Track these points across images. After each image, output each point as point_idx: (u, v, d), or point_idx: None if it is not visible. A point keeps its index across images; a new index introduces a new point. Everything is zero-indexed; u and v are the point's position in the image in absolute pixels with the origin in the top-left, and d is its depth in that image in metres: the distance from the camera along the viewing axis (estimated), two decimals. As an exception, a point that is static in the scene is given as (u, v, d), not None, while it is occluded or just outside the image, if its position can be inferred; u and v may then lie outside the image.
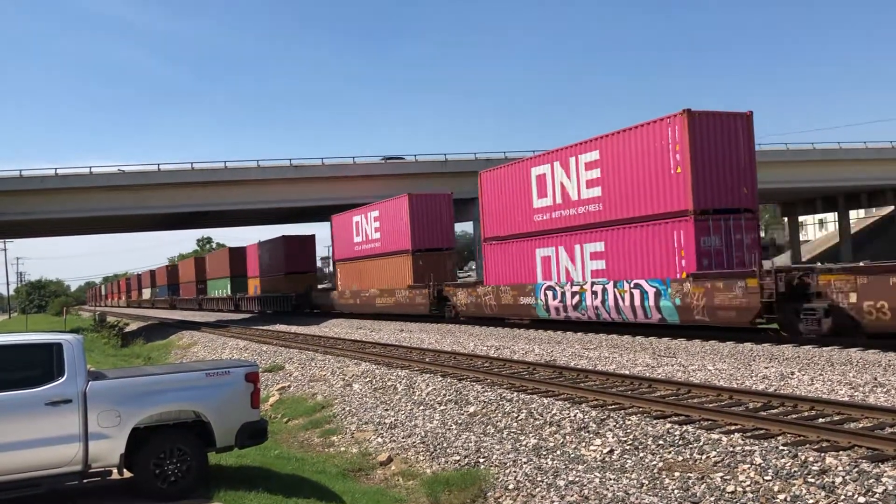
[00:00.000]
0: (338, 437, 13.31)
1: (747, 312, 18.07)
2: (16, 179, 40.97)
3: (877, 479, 7.48)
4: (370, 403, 14.96)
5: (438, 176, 46.21)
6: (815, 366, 14.52)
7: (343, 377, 18.22)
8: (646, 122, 21.28)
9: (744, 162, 20.59)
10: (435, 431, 12.12)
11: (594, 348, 19.49)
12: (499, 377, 15.21)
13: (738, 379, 13.56)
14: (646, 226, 21.28)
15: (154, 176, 43.46)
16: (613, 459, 9.59)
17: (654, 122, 20.97)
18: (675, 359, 16.55)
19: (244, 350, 27.59)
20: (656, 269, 20.89)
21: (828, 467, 7.95)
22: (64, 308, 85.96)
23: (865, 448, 8.46)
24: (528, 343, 21.71)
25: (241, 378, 8.45)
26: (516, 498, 9.05)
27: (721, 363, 15.45)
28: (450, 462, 10.65)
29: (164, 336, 42.16)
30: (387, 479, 10.82)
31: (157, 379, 8.22)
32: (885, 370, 13.48)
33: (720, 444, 9.20)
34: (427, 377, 16.24)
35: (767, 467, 8.26)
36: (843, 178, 51.30)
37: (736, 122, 20.59)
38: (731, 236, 20.35)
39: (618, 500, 8.26)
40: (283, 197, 46.00)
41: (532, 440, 10.86)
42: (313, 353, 23.41)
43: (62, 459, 7.53)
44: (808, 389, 12.27)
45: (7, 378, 7.52)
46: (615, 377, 14.23)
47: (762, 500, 7.65)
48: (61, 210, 42.81)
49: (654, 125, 20.98)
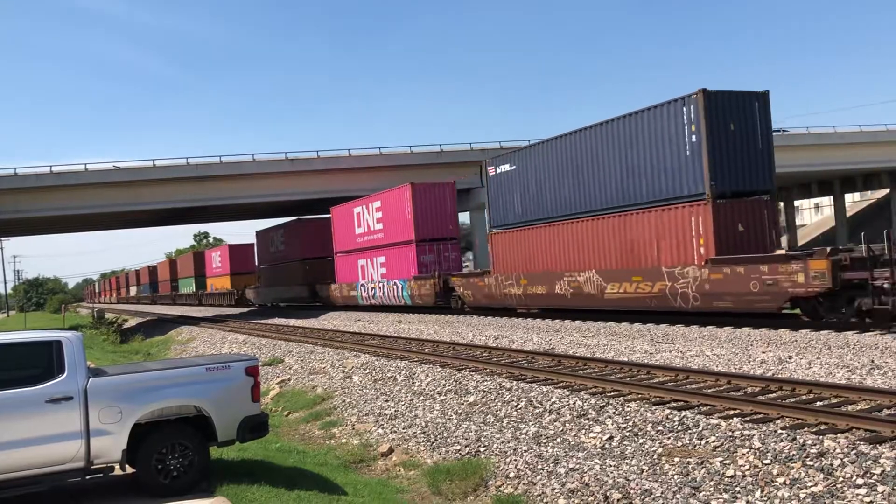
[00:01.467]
0: (338, 429, 13.35)
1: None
2: (11, 178, 40.83)
3: (875, 461, 7.53)
4: (370, 395, 15.00)
5: (434, 167, 46.11)
6: (812, 350, 14.58)
7: (343, 369, 18.26)
8: (394, 189, 36.09)
9: (450, 210, 34.85)
10: (435, 421, 12.17)
11: (592, 336, 19.54)
12: (498, 366, 15.25)
13: (736, 364, 13.61)
14: (402, 247, 34.79)
15: (149, 171, 43.33)
16: (613, 446, 9.64)
17: (397, 189, 35.55)
18: (673, 345, 16.61)
19: (243, 344, 27.61)
20: (402, 273, 34.87)
21: (826, 450, 8.00)
22: (62, 305, 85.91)
23: (863, 430, 8.51)
24: (526, 332, 21.76)
25: (242, 372, 8.47)
26: (517, 486, 9.10)
27: (719, 348, 15.50)
28: (450, 452, 10.69)
29: (162, 332, 42.17)
30: (388, 469, 10.87)
31: (158, 375, 8.23)
32: (882, 353, 13.54)
33: (719, 428, 9.25)
34: (426, 368, 16.28)
35: (766, 451, 8.31)
36: (839, 161, 51.31)
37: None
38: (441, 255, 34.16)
39: (618, 486, 8.31)
40: (279, 190, 45.91)
41: (532, 428, 10.91)
42: (312, 346, 23.45)
43: (64, 456, 7.55)
44: (806, 373, 12.32)
45: (7, 376, 7.53)
46: (614, 364, 14.28)
47: (761, 484, 7.70)
48: (57, 207, 42.70)
49: (396, 191, 35.44)
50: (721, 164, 19.41)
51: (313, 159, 45.65)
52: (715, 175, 19.27)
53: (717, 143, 19.40)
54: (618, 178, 22.37)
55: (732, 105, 19.76)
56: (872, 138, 51.23)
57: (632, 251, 21.74)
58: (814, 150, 50.69)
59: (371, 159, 46.37)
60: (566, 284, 24.28)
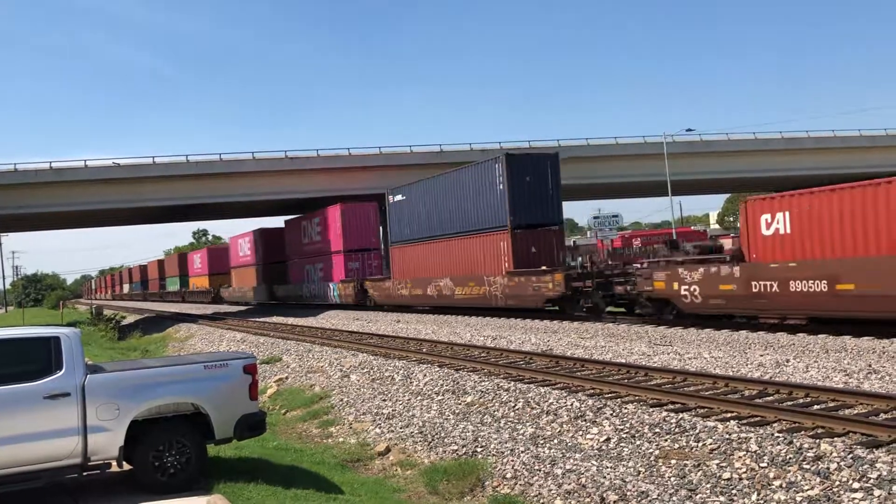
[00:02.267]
0: (336, 427, 13.36)
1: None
2: (10, 173, 40.81)
3: (871, 465, 7.54)
4: (368, 394, 15.01)
5: (433, 167, 46.08)
6: (810, 353, 14.59)
7: (340, 368, 18.26)
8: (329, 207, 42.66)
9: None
10: (433, 421, 12.17)
11: (590, 337, 19.55)
12: (495, 367, 15.26)
13: (734, 367, 13.62)
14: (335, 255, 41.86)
15: (149, 169, 43.32)
16: (610, 448, 9.65)
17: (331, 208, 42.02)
18: (671, 347, 16.62)
19: (241, 342, 27.60)
20: (334, 277, 41.92)
21: (823, 453, 8.01)
22: (61, 302, 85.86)
23: (860, 434, 8.53)
24: (524, 333, 21.76)
25: (240, 370, 8.46)
26: (514, 486, 9.11)
27: (717, 351, 15.51)
28: (448, 452, 10.70)
29: (160, 329, 42.14)
30: (385, 469, 10.87)
31: (156, 372, 8.23)
32: (879, 357, 13.55)
33: (716, 431, 9.26)
34: (424, 367, 16.28)
35: (763, 454, 8.32)
36: (838, 165, 51.37)
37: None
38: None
39: (615, 487, 8.32)
40: (279, 189, 45.92)
41: (529, 429, 10.91)
42: (310, 345, 23.45)
43: (61, 452, 7.54)
44: (804, 377, 12.34)
45: (5, 372, 7.52)
46: (611, 366, 14.28)
47: (758, 487, 7.71)
48: (56, 204, 42.66)
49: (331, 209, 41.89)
50: (519, 205, 27.19)
51: (313, 158, 45.63)
52: (514, 212, 27.16)
53: (515, 190, 27.18)
54: (461, 211, 30.59)
55: (529, 163, 27.61)
56: (871, 142, 51.36)
57: (469, 264, 29.92)
58: (813, 153, 50.80)
59: (371, 158, 46.36)
60: (433, 288, 32.23)
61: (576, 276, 23.96)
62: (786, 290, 17.12)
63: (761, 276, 17.73)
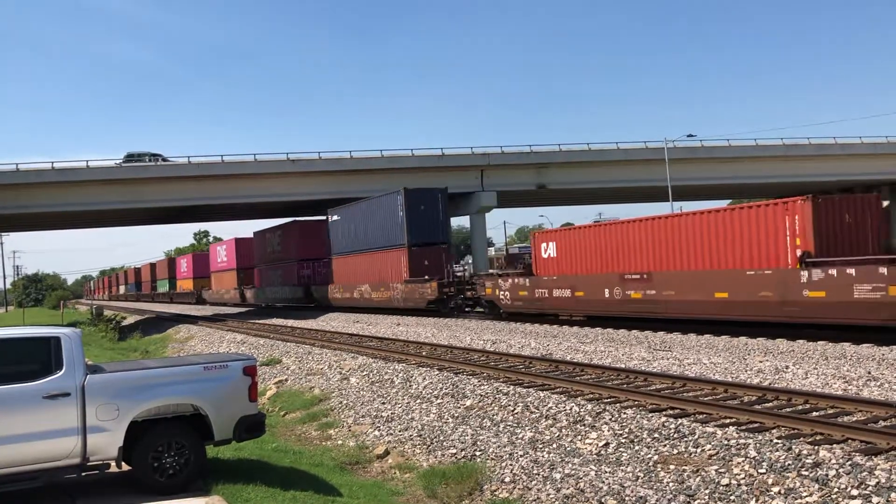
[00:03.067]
0: (335, 430, 13.36)
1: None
2: (12, 173, 40.87)
3: (870, 472, 7.54)
4: (367, 397, 15.01)
5: (435, 170, 46.17)
6: (809, 360, 14.59)
7: (340, 371, 18.26)
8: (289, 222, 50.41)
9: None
10: (432, 425, 12.18)
11: (590, 342, 19.56)
12: (495, 371, 15.26)
13: (733, 373, 13.63)
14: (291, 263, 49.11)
15: (151, 170, 43.39)
16: (609, 452, 9.65)
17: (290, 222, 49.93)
18: (670, 353, 16.62)
19: (241, 344, 27.61)
20: (290, 282, 49.12)
21: (821, 460, 8.02)
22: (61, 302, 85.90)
23: (859, 441, 8.53)
24: (524, 337, 21.77)
25: (239, 371, 8.47)
26: (512, 490, 9.11)
27: (716, 357, 15.52)
28: (446, 455, 10.70)
29: (160, 330, 42.16)
30: (384, 472, 10.87)
31: (156, 372, 8.24)
32: (878, 364, 13.56)
33: (715, 437, 9.27)
34: (424, 371, 16.29)
35: (762, 460, 8.32)
36: (839, 172, 51.40)
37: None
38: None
39: (613, 492, 8.32)
40: (280, 191, 45.98)
41: (528, 433, 10.91)
42: (310, 347, 23.46)
43: (60, 452, 7.55)
44: (803, 383, 12.34)
45: (5, 372, 7.53)
46: (611, 371, 14.29)
47: (756, 493, 7.71)
48: (58, 204, 42.72)
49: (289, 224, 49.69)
50: (414, 227, 34.96)
51: (315, 160, 45.69)
52: (410, 233, 34.94)
53: (412, 216, 34.96)
54: (376, 231, 38.02)
55: (424, 195, 35.62)
56: (872, 150, 51.34)
57: (380, 273, 37.59)
58: (814, 160, 50.81)
59: (372, 161, 46.40)
60: (357, 292, 40.00)
61: (446, 284, 32.04)
62: (552, 295, 25.67)
63: (540, 285, 26.29)
